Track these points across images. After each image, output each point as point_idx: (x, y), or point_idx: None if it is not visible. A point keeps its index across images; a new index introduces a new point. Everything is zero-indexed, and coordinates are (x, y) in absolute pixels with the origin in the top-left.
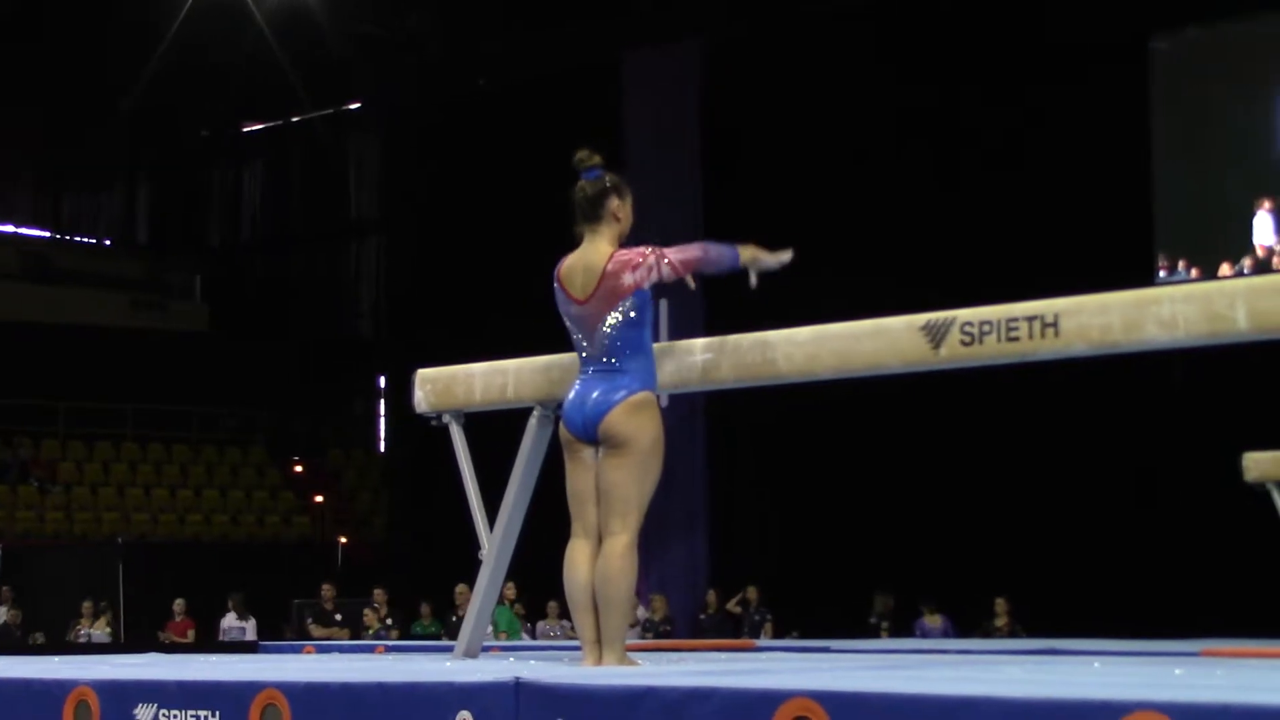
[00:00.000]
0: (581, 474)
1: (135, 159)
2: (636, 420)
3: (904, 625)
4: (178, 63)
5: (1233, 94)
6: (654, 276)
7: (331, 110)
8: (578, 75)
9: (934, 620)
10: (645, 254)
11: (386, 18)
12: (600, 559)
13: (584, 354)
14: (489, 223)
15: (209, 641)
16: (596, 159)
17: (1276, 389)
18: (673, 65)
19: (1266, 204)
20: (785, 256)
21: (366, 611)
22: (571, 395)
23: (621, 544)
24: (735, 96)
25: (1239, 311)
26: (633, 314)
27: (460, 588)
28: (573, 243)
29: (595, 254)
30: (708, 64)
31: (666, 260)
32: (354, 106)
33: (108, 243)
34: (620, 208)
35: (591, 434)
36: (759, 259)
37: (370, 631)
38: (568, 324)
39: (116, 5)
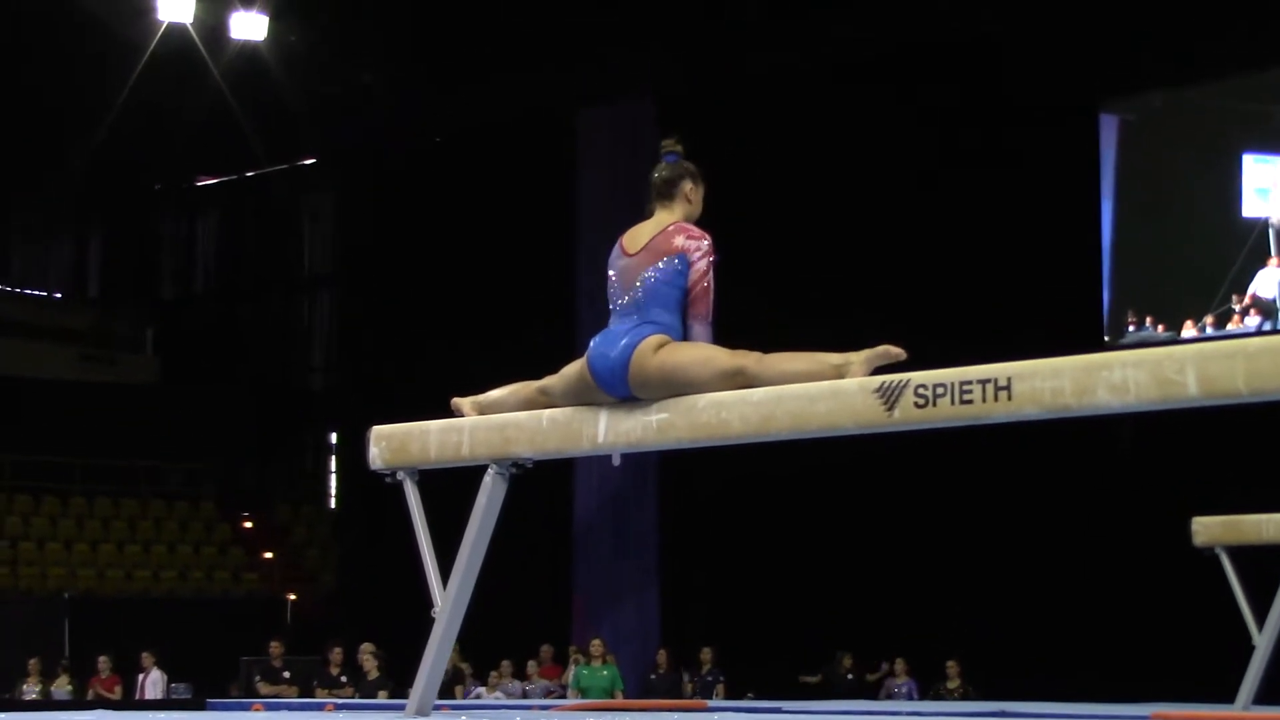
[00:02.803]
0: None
1: (87, 211)
2: (664, 352)
3: (864, 684)
4: (132, 116)
5: (1196, 157)
6: (701, 255)
7: (286, 165)
8: (532, 130)
9: (900, 679)
10: (705, 238)
11: (342, 73)
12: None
13: (617, 307)
14: (443, 278)
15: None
16: (678, 146)
17: (1225, 454)
18: (626, 119)
19: (1274, 261)
20: None
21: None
22: (598, 338)
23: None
24: (689, 151)
25: (1189, 376)
26: (672, 272)
27: (365, 646)
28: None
29: (663, 219)
30: (661, 118)
31: (712, 260)
32: (309, 161)
33: (58, 295)
34: (693, 192)
35: (620, 378)
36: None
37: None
38: (612, 278)
39: (71, 57)
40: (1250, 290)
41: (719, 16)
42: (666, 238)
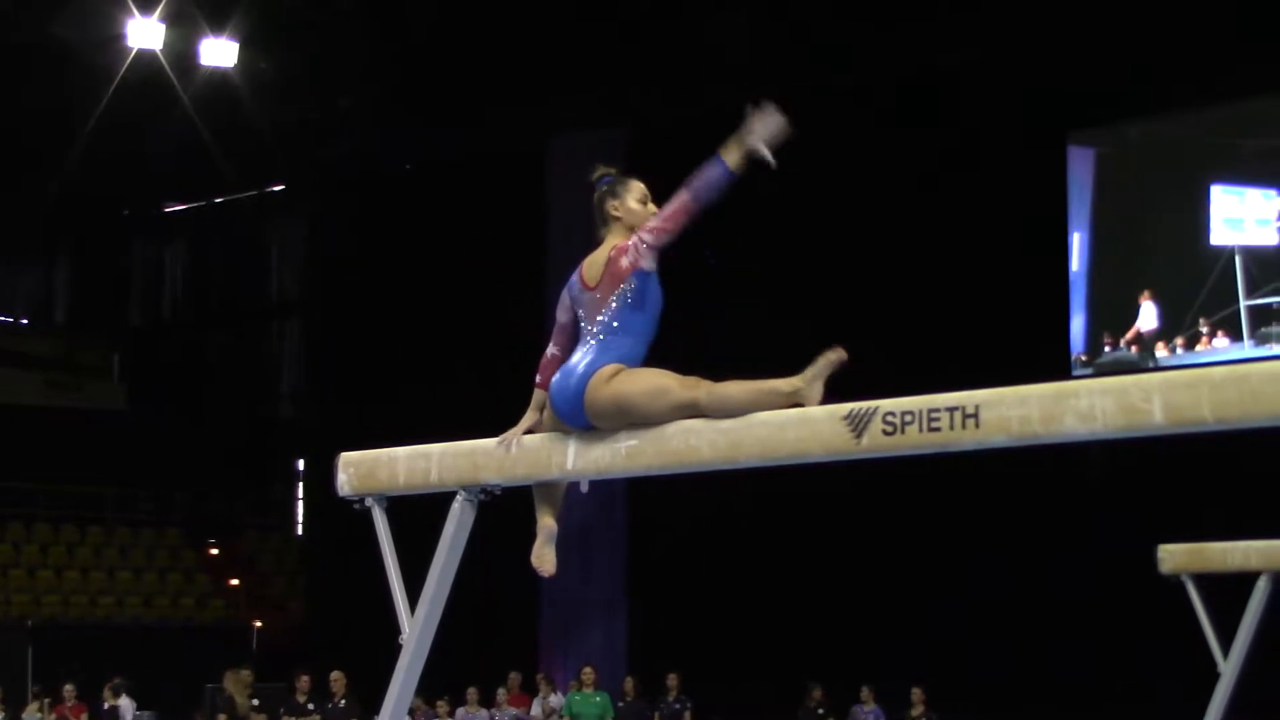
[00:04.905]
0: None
1: (55, 237)
2: (616, 382)
3: (839, 712)
4: (101, 142)
5: (1167, 188)
6: (643, 254)
7: (255, 191)
8: (503, 159)
9: (868, 706)
10: (636, 238)
11: (312, 100)
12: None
13: (584, 335)
14: (413, 306)
15: None
16: (603, 171)
17: (1192, 481)
18: (598, 150)
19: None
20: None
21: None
22: (557, 375)
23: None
24: (660, 182)
25: (1155, 405)
26: (630, 298)
27: (335, 674)
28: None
29: (609, 243)
30: (632, 149)
31: (640, 236)
32: (278, 189)
33: (24, 321)
34: (618, 206)
35: (578, 409)
36: (747, 144)
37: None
38: (579, 314)
39: (41, 82)
40: (1135, 325)
41: (691, 47)
42: (614, 264)
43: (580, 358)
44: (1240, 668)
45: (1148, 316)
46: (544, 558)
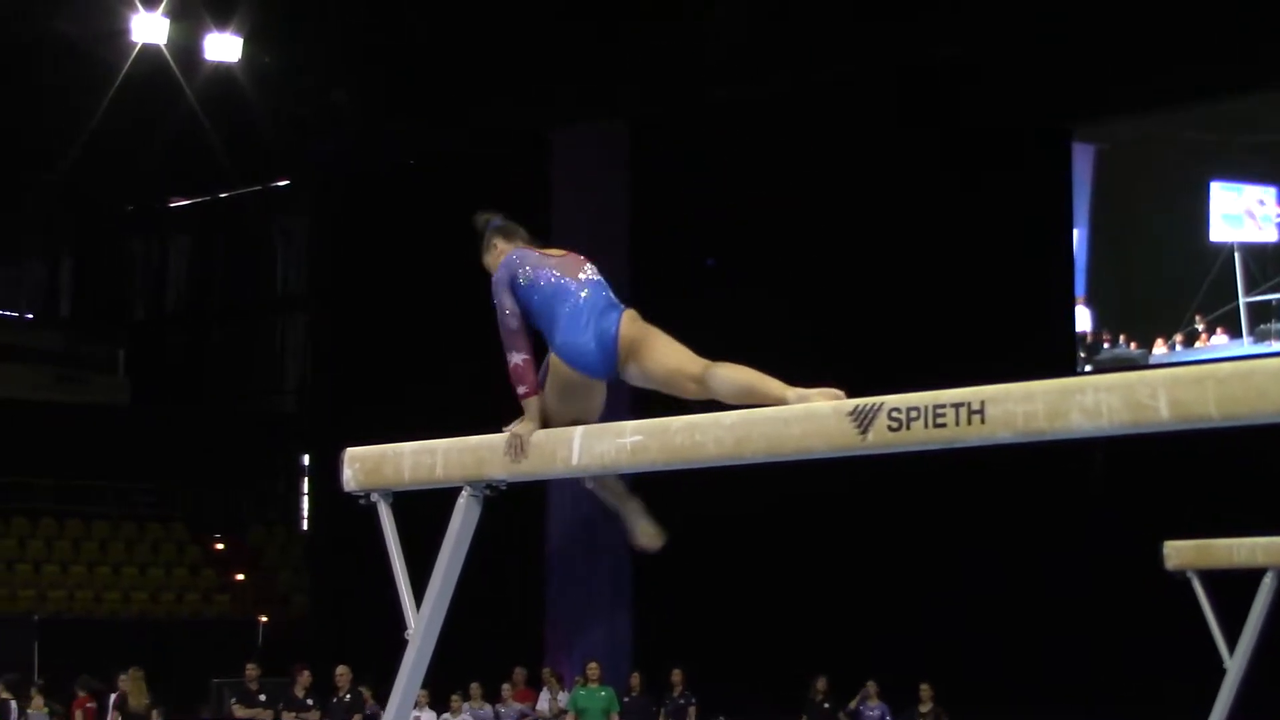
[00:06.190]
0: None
1: (59, 232)
2: (645, 327)
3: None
4: (105, 137)
5: (1166, 185)
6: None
7: (259, 186)
8: (505, 151)
9: (873, 703)
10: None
11: (316, 95)
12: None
13: (569, 289)
14: (416, 299)
15: None
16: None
17: (1197, 478)
18: (601, 142)
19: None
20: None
21: (341, 671)
22: (569, 330)
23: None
24: (664, 174)
25: (1161, 401)
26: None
27: (340, 669)
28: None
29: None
30: (635, 141)
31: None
32: (282, 183)
33: (29, 316)
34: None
35: (611, 349)
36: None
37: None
38: (550, 276)
39: (45, 78)
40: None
41: (691, 40)
42: (577, 255)
43: (587, 301)
44: (1246, 664)
45: (1082, 320)
46: (650, 534)
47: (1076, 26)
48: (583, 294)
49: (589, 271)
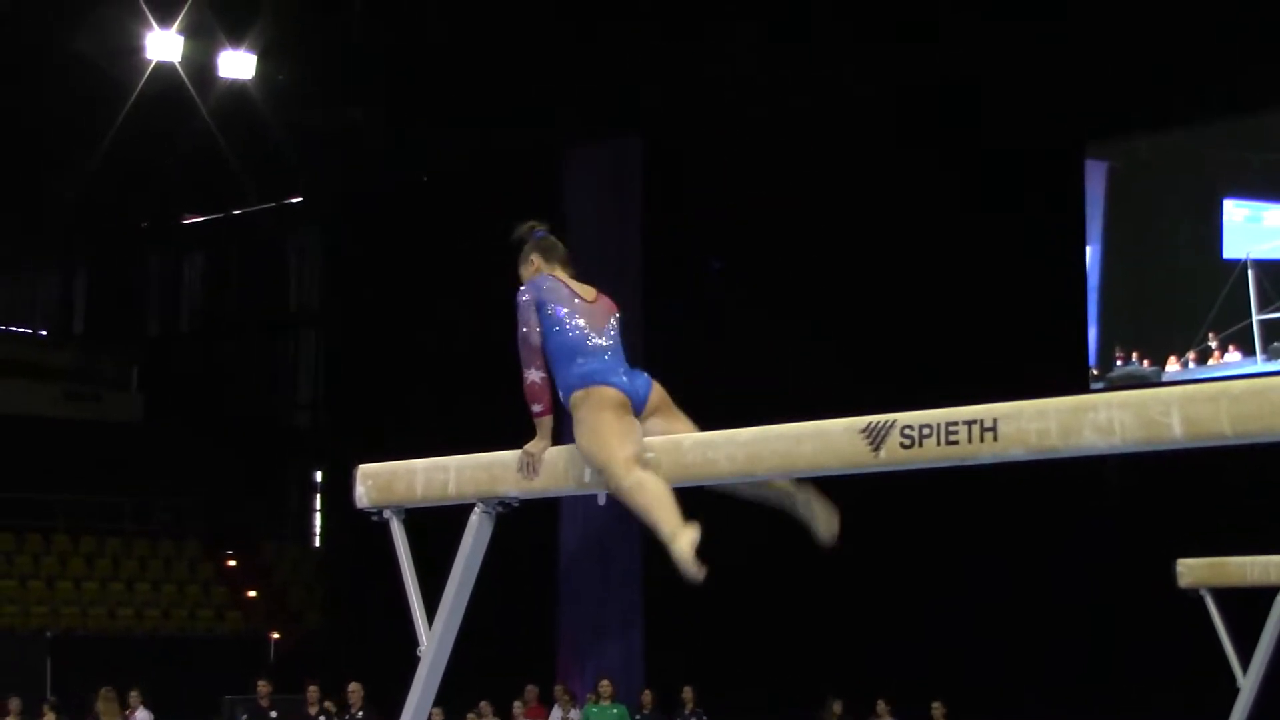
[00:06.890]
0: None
1: (73, 249)
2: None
3: None
4: (120, 154)
5: (1179, 201)
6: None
7: (273, 203)
8: (519, 167)
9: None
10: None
11: (329, 112)
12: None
13: (590, 344)
14: (429, 316)
15: None
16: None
17: (1210, 496)
18: (614, 158)
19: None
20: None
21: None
22: (622, 375)
23: None
24: (677, 191)
25: (1174, 418)
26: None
27: (353, 685)
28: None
29: (575, 283)
30: (648, 156)
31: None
32: (296, 200)
33: (43, 332)
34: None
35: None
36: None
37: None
38: (578, 323)
39: (60, 95)
40: None
41: (705, 57)
42: (606, 298)
43: (619, 362)
44: (1260, 682)
45: (1094, 337)
46: (830, 522)
47: (1089, 44)
48: (605, 356)
49: (613, 325)
